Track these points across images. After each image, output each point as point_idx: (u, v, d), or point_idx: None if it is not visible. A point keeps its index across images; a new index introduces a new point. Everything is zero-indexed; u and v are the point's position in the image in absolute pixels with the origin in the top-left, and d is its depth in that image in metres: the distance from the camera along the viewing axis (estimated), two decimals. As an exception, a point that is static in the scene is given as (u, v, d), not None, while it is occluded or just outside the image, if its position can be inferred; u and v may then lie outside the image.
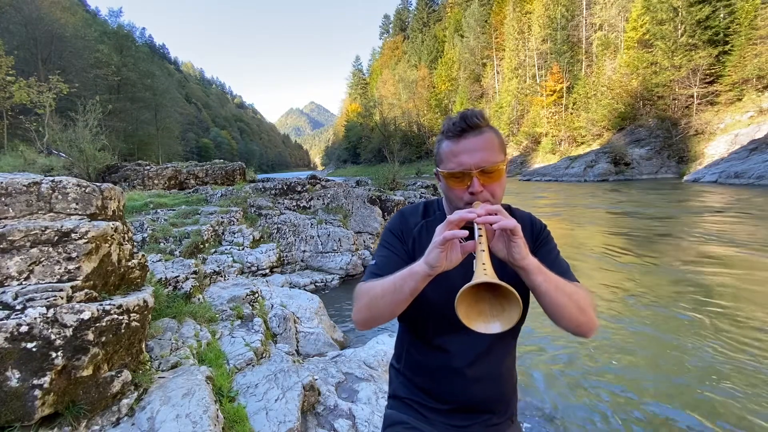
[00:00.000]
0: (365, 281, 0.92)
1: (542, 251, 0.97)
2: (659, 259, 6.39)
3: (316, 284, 6.05)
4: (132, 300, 1.82)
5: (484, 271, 0.66)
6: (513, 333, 1.02)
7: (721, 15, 26.25)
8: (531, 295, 0.90)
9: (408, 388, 1.04)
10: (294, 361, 2.70)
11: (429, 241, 0.76)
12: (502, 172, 0.90)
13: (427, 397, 1.00)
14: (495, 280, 0.64)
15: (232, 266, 5.38)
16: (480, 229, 0.75)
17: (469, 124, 0.88)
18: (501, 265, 0.79)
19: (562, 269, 0.92)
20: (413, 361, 1.03)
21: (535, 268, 0.77)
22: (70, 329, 1.48)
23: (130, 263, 2.09)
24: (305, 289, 5.31)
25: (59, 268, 1.63)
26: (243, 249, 6.19)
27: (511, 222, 0.73)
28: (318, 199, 8.33)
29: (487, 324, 0.70)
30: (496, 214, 0.75)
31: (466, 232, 0.72)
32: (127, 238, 2.14)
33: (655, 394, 2.80)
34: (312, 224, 7.04)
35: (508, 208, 1.05)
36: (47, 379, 1.41)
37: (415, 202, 1.11)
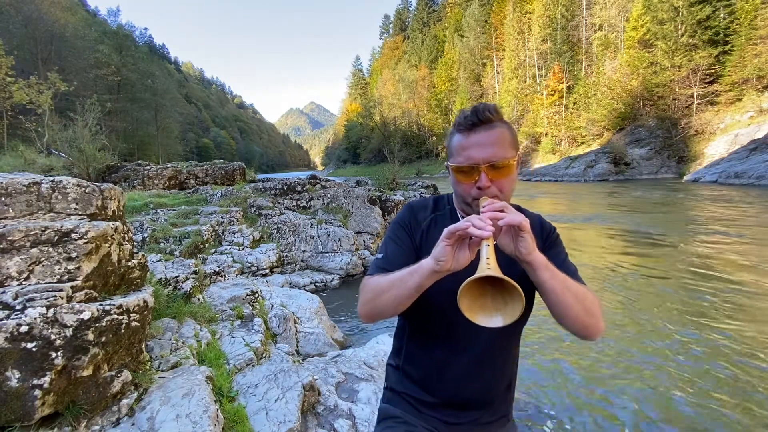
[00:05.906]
0: (372, 275, 0.91)
1: (550, 254, 0.95)
2: (659, 263, 6.39)
3: (316, 284, 6.04)
4: (132, 300, 1.82)
5: (487, 266, 0.65)
6: (515, 333, 1.02)
7: (721, 15, 26.26)
8: (536, 295, 0.88)
9: (403, 382, 1.04)
10: (294, 361, 2.69)
11: (437, 236, 0.74)
12: (512, 168, 0.89)
13: (421, 390, 1.00)
14: (497, 273, 0.63)
15: (232, 266, 5.38)
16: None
17: (480, 119, 0.87)
18: (509, 262, 0.77)
19: (569, 273, 0.90)
20: (411, 355, 1.03)
21: (541, 264, 0.75)
22: (70, 329, 1.48)
23: (130, 263, 2.08)
24: (305, 289, 5.31)
25: (59, 268, 1.63)
26: (243, 249, 6.19)
27: (518, 217, 0.71)
28: (318, 199, 8.33)
29: (490, 318, 0.68)
30: (502, 211, 0.73)
31: (473, 229, 0.69)
32: (127, 238, 2.14)
33: (655, 400, 2.79)
34: (312, 224, 7.04)
35: (518, 209, 1.04)
36: (47, 379, 1.41)
37: (425, 197, 1.10)
